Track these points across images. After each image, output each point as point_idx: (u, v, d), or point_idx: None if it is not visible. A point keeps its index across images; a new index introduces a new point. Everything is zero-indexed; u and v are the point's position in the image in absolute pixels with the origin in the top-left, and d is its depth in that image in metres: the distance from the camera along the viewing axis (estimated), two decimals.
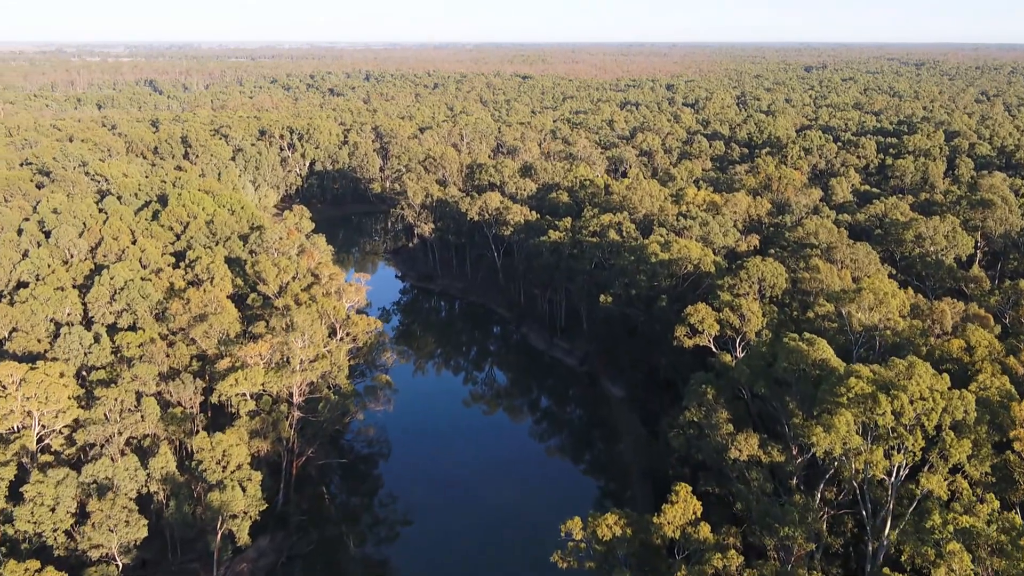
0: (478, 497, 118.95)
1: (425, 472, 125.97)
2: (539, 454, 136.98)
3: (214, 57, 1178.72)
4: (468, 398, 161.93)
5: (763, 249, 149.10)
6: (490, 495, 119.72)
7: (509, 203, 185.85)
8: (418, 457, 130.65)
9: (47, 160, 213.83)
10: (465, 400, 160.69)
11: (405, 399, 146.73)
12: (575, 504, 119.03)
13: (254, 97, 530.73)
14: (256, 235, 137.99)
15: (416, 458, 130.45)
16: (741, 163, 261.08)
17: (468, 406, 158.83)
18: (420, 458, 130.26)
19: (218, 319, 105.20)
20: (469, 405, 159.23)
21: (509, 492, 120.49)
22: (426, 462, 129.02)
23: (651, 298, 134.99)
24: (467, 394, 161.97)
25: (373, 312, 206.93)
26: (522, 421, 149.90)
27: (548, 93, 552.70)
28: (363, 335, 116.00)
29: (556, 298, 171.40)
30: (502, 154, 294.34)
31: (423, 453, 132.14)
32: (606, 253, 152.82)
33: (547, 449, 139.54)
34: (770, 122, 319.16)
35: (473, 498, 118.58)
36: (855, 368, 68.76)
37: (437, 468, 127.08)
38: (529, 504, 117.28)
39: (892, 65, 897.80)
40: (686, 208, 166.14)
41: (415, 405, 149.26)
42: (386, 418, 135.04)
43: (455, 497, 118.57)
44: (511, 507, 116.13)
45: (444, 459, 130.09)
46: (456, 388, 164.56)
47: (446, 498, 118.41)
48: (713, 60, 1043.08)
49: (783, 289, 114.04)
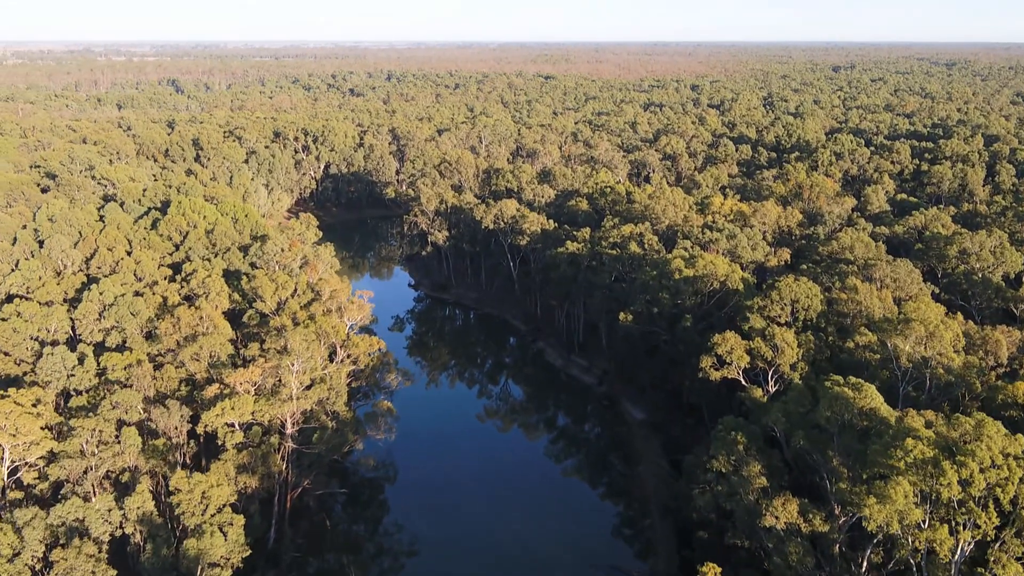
0: (489, 524, 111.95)
1: (434, 497, 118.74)
2: (554, 475, 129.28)
3: (238, 56, 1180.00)
4: (482, 413, 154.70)
5: (794, 264, 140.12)
6: (502, 523, 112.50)
7: (526, 211, 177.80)
8: (427, 480, 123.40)
9: (53, 164, 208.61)
10: (479, 415, 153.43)
11: (416, 413, 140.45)
12: (591, 535, 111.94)
13: (273, 97, 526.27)
14: (257, 247, 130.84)
15: (424, 481, 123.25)
16: (769, 168, 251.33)
17: (482, 421, 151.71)
18: (429, 481, 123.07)
19: (207, 340, 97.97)
20: (483, 420, 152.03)
21: (523, 520, 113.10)
22: (435, 485, 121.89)
23: (674, 317, 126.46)
24: (481, 408, 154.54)
25: (387, 321, 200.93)
26: (537, 438, 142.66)
27: (570, 94, 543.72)
28: (365, 357, 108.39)
29: (574, 311, 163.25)
30: (521, 157, 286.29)
31: (432, 475, 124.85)
32: (626, 266, 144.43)
33: (563, 470, 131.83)
34: (799, 125, 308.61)
35: (484, 526, 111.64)
36: (911, 425, 59.96)
37: (447, 492, 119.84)
38: (543, 534, 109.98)
39: (922, 65, 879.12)
40: (712, 219, 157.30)
41: (426, 421, 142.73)
42: (395, 435, 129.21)
43: (465, 525, 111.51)
44: (524, 537, 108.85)
45: (454, 482, 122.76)
46: (470, 402, 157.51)
47: (455, 527, 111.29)
48: (739, 60, 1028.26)
49: (818, 312, 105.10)
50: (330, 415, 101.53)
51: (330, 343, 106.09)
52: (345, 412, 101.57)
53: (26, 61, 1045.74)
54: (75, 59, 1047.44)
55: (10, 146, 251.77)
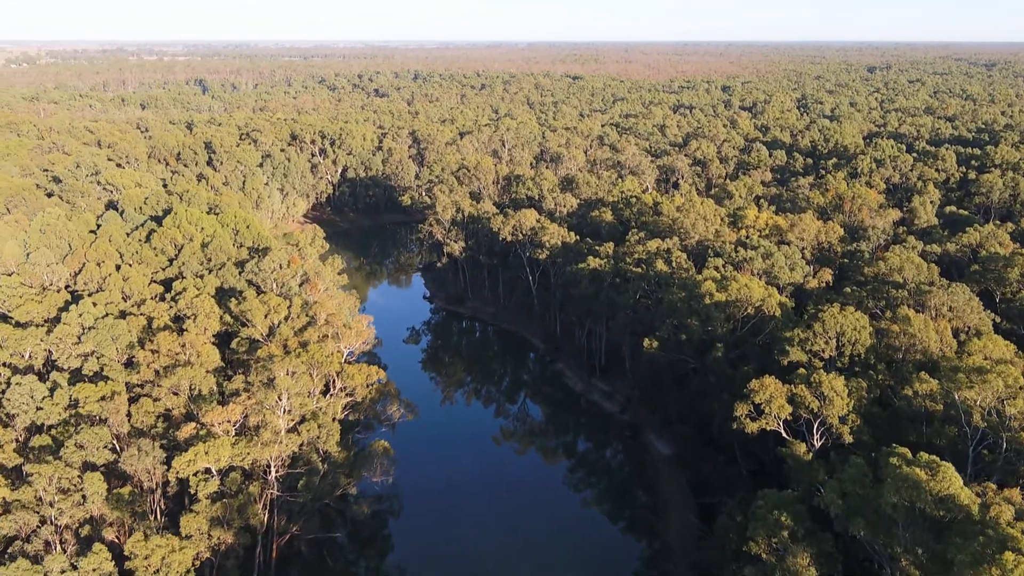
0: (503, 559, 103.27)
1: (443, 531, 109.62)
2: (573, 506, 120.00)
3: (268, 56, 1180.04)
4: (499, 434, 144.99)
5: (836, 285, 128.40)
6: (517, 557, 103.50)
7: (546, 222, 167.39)
8: (436, 511, 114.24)
9: (59, 169, 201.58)
10: (495, 437, 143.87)
11: (429, 433, 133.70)
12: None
13: (297, 98, 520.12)
14: (253, 263, 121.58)
15: (433, 513, 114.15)
16: (805, 175, 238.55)
17: (498, 444, 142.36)
18: (438, 512, 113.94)
19: (186, 372, 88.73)
20: (499, 443, 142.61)
21: (539, 559, 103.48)
22: (445, 517, 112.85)
23: (704, 344, 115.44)
24: (497, 429, 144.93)
25: (402, 332, 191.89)
26: (556, 463, 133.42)
27: (598, 95, 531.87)
28: (363, 388, 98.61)
29: (596, 330, 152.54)
30: (545, 162, 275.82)
31: (442, 505, 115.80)
32: (652, 285, 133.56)
33: (582, 500, 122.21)
34: (835, 129, 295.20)
35: (498, 562, 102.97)
36: (999, 517, 48.78)
37: (457, 525, 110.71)
38: (560, 571, 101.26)
39: (960, 66, 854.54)
40: (745, 233, 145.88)
41: (439, 442, 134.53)
42: (406, 459, 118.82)
43: (476, 562, 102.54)
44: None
45: (466, 513, 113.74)
46: (486, 421, 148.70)
47: (466, 566, 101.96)
48: (770, 60, 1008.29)
49: (866, 346, 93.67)
50: (321, 455, 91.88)
51: (325, 373, 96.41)
52: (337, 452, 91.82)
53: (59, 60, 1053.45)
54: (107, 59, 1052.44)
55: (23, 148, 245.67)
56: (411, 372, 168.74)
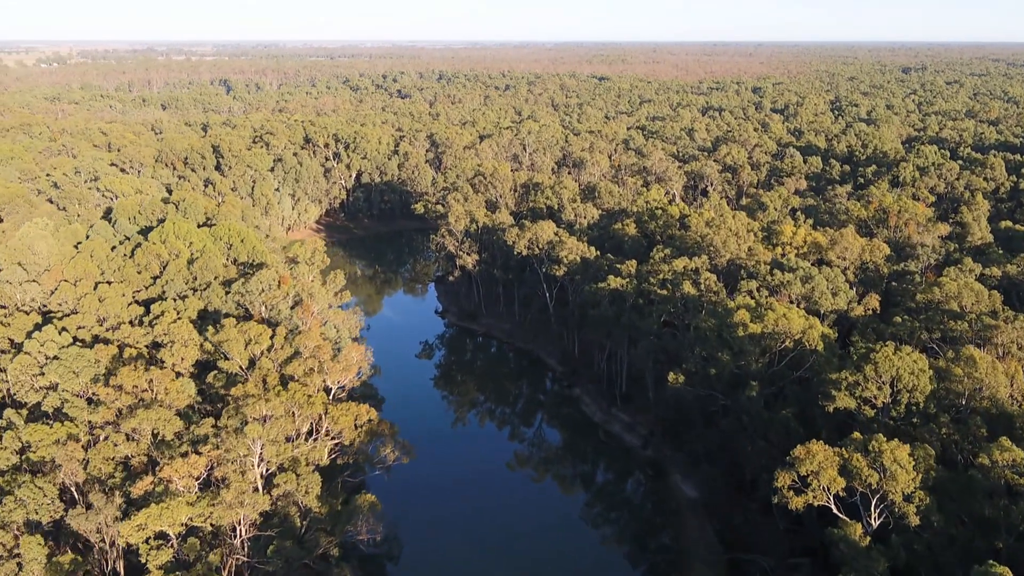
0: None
1: (449, 572, 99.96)
2: (592, 543, 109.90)
3: (295, 56, 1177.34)
4: (513, 460, 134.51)
5: (884, 313, 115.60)
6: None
7: (564, 235, 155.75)
8: (442, 551, 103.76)
9: (58, 175, 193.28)
10: (509, 463, 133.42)
11: (439, 455, 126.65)
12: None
13: (319, 99, 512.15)
14: (240, 284, 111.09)
15: (438, 549, 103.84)
16: (842, 183, 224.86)
17: (512, 470, 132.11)
18: (444, 552, 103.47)
19: (147, 415, 78.32)
20: (514, 469, 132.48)
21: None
22: (451, 554, 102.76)
23: (736, 379, 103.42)
24: (511, 454, 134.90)
25: (415, 346, 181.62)
26: (572, 493, 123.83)
27: (624, 96, 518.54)
28: (350, 431, 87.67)
29: (616, 353, 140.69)
30: (567, 167, 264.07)
31: (448, 539, 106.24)
32: (679, 309, 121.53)
33: (601, 537, 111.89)
34: (873, 133, 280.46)
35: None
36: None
37: (467, 563, 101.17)
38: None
39: (998, 66, 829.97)
40: (781, 251, 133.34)
41: (449, 466, 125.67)
42: (409, 488, 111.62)
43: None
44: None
45: (476, 548, 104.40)
46: (500, 444, 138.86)
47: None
48: (801, 60, 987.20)
49: (926, 394, 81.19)
50: (301, 509, 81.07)
51: (308, 415, 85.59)
52: (319, 507, 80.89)
53: (88, 60, 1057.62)
54: (136, 59, 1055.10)
55: (29, 151, 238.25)
56: (422, 388, 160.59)
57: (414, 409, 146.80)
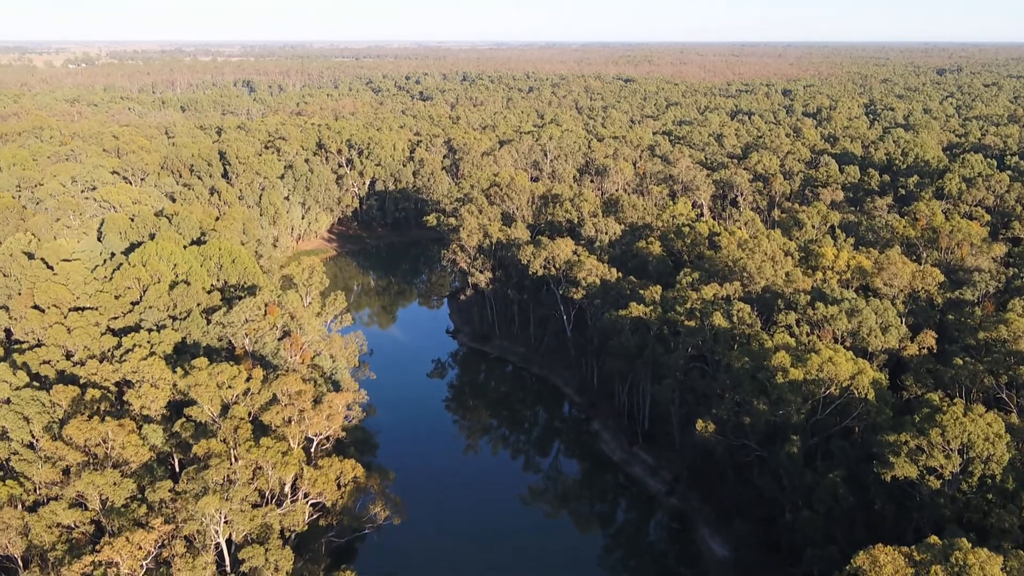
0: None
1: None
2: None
3: (320, 57, 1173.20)
4: (527, 493, 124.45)
5: (941, 352, 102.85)
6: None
7: (584, 254, 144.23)
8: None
9: (53, 185, 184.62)
10: (523, 496, 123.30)
11: (447, 482, 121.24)
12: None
13: (339, 100, 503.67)
14: (220, 313, 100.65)
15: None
16: (882, 195, 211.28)
17: (526, 504, 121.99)
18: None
19: (92, 479, 67.89)
20: (527, 503, 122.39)
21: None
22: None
23: (774, 430, 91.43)
24: (525, 488, 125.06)
25: (427, 364, 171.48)
26: (590, 532, 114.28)
27: (650, 99, 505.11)
28: (332, 491, 76.77)
29: (639, 385, 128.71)
30: (589, 175, 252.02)
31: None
32: (709, 342, 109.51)
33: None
34: (913, 140, 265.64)
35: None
36: None
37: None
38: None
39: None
40: (822, 277, 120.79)
41: (457, 494, 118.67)
42: (413, 519, 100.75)
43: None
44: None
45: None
46: (512, 475, 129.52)
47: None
48: (832, 62, 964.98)
49: (1003, 464, 68.82)
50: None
51: (282, 476, 74.77)
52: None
53: (116, 61, 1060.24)
54: (163, 59, 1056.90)
55: (33, 157, 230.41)
56: (432, 409, 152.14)
57: (421, 432, 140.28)
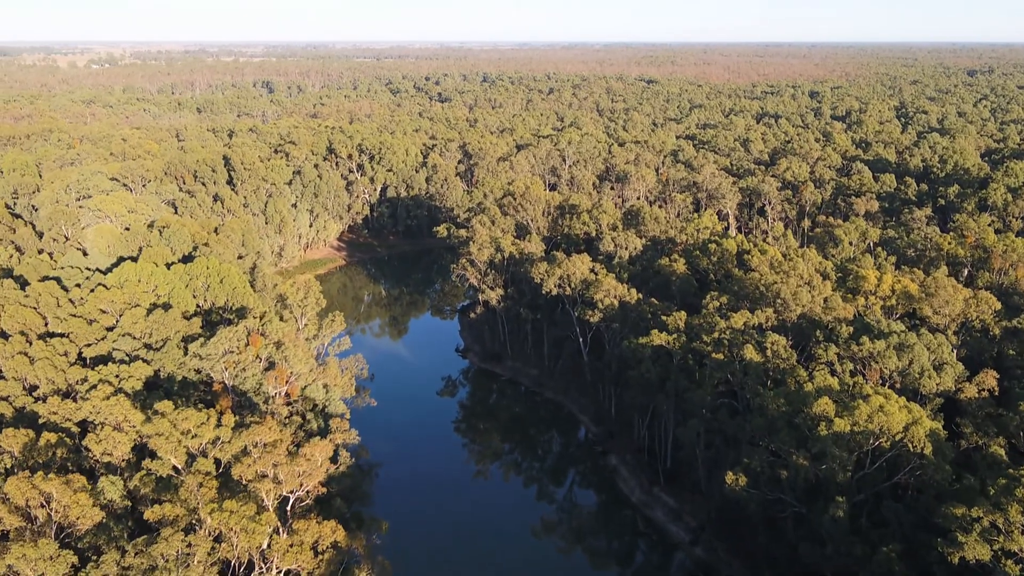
0: None
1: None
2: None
3: (342, 57, 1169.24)
4: (538, 525, 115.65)
5: (1002, 394, 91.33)
6: None
7: (602, 273, 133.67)
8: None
9: (45, 195, 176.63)
10: (534, 527, 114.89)
11: (452, 507, 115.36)
12: None
13: (356, 102, 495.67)
14: (199, 344, 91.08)
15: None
16: (919, 205, 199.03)
17: (538, 537, 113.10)
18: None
19: (22, 551, 58.31)
20: (539, 536, 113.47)
21: None
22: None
23: (815, 485, 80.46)
24: (538, 518, 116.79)
25: (435, 380, 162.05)
26: (608, 570, 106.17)
27: (673, 101, 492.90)
28: (309, 561, 66.81)
29: (660, 417, 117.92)
30: (610, 181, 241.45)
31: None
32: (739, 376, 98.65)
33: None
34: (951, 147, 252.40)
35: None
36: None
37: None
38: None
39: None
40: (864, 303, 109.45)
41: (462, 523, 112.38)
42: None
43: None
44: None
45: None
46: (524, 503, 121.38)
47: None
48: (858, 62, 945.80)
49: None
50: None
51: (249, 547, 64.87)
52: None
53: (138, 61, 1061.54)
54: (186, 59, 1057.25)
55: (34, 162, 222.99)
56: (440, 432, 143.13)
57: (426, 454, 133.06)
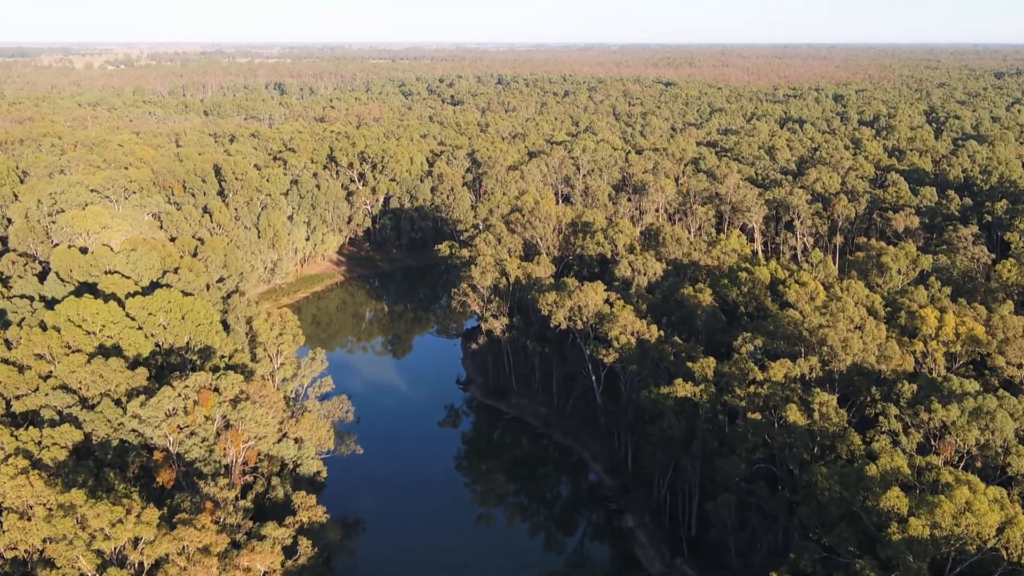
0: None
1: None
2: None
3: (358, 58, 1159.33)
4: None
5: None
6: None
7: (618, 304, 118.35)
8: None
9: (15, 209, 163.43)
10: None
11: (450, 559, 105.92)
12: None
13: (365, 105, 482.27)
14: (138, 403, 76.65)
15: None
16: (963, 222, 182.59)
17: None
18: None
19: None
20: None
21: None
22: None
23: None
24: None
25: (437, 409, 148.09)
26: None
27: (692, 104, 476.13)
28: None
29: (684, 476, 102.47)
30: (626, 192, 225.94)
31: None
32: (780, 441, 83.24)
33: None
34: (995, 157, 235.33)
35: None
36: None
37: None
38: None
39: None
40: (923, 350, 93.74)
41: None
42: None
43: None
44: None
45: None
46: (530, 552, 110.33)
47: None
48: (881, 64, 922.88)
49: None
50: None
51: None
52: None
53: (154, 62, 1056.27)
54: (201, 61, 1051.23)
55: (14, 171, 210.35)
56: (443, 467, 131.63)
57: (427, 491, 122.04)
